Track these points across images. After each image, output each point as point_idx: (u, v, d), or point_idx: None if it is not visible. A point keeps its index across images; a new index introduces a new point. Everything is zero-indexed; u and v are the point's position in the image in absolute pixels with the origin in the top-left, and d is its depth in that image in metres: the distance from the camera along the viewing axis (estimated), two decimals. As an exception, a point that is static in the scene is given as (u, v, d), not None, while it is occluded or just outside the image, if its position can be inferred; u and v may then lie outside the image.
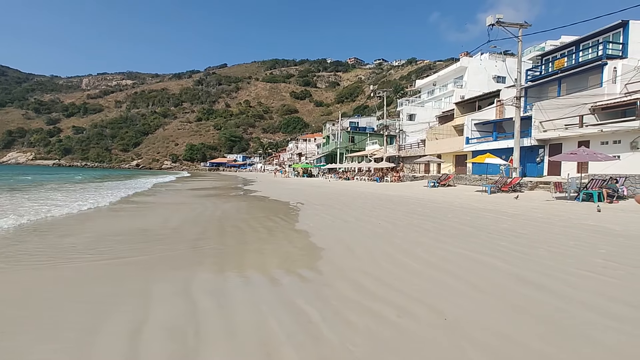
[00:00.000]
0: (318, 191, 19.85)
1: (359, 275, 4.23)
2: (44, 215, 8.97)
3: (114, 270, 4.46)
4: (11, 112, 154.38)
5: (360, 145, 47.59)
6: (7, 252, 5.34)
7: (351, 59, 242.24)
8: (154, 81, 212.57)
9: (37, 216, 8.76)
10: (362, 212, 10.29)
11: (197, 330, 2.80)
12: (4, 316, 3.09)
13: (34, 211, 9.50)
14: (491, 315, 3.05)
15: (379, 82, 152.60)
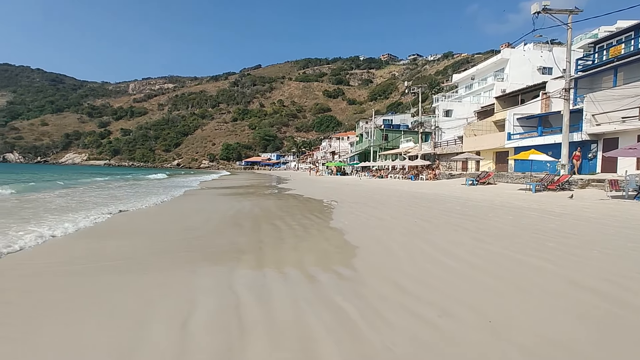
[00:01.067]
0: (352, 189, 19.77)
1: (397, 273, 4.18)
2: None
3: (160, 264, 4.73)
4: (68, 116, 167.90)
5: (394, 143, 46.75)
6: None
7: (384, 55, 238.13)
8: (193, 84, 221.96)
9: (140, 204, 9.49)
10: (397, 210, 10.12)
11: (239, 323, 2.90)
12: (65, 301, 3.39)
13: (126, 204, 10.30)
14: (539, 320, 2.90)
15: (413, 78, 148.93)
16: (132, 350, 2.47)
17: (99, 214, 8.93)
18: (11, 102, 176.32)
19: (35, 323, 2.94)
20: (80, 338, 2.68)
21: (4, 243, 5.48)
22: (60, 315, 3.09)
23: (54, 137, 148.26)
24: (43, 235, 6.25)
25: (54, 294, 3.61)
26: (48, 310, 3.20)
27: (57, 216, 8.44)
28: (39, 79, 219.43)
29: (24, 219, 8.00)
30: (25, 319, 3.01)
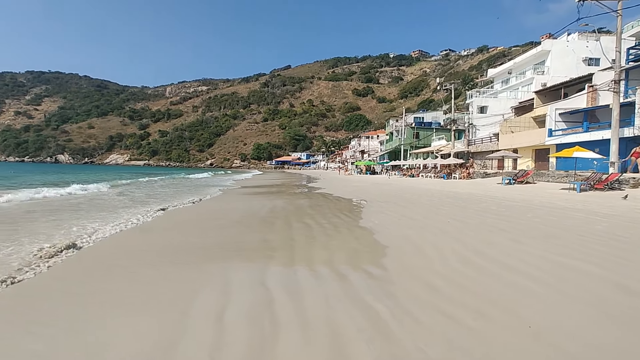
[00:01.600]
0: (382, 188, 19.55)
1: (428, 274, 4.10)
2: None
3: (197, 259, 4.94)
4: (112, 119, 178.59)
5: (426, 141, 45.63)
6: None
7: (415, 51, 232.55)
8: (225, 86, 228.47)
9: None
10: (429, 209, 9.89)
11: (272, 318, 2.98)
12: (113, 292, 3.63)
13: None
14: (584, 326, 2.74)
15: (445, 74, 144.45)
16: (175, 340, 2.62)
17: (151, 211, 9.46)
18: (62, 107, 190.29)
19: (90, 311, 3.18)
20: (129, 326, 2.86)
21: (72, 240, 5.95)
22: (110, 306, 3.32)
23: (99, 139, 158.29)
24: (107, 231, 6.71)
25: (105, 285, 3.88)
26: (100, 300, 3.45)
27: (129, 209, 9.04)
28: (86, 85, 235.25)
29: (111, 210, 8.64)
30: (81, 308, 3.27)
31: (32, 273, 4.27)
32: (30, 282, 4.00)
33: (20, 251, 5.30)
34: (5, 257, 4.96)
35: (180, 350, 2.48)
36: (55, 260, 4.84)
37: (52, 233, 6.69)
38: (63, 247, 5.35)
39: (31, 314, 3.16)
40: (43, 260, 4.79)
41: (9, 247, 5.56)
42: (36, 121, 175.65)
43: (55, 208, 10.58)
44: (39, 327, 2.88)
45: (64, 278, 4.11)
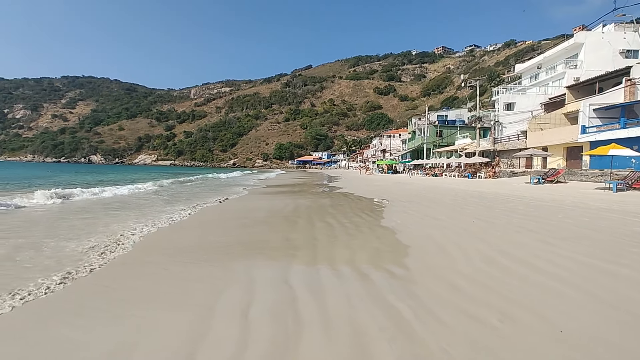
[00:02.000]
0: (404, 188, 19.30)
1: (452, 274, 4.04)
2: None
3: (222, 257, 5.08)
4: (140, 121, 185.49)
5: (449, 140, 44.59)
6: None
7: (438, 48, 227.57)
8: (247, 87, 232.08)
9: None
10: (453, 209, 9.69)
11: (295, 316, 3.04)
12: (144, 288, 3.81)
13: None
14: (620, 333, 2.62)
15: (470, 70, 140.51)
16: (203, 335, 2.72)
17: (185, 209, 9.81)
18: (94, 110, 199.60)
19: (124, 306, 3.36)
20: (161, 320, 3.00)
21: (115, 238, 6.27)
22: (145, 301, 3.49)
23: (129, 140, 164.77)
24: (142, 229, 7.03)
25: (140, 281, 4.08)
26: (136, 295, 3.63)
27: (169, 206, 9.43)
28: (116, 88, 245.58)
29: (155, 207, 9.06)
30: (115, 303, 3.45)
31: (83, 267, 4.54)
32: (78, 275, 4.25)
33: (79, 246, 5.64)
34: (59, 253, 5.29)
35: (208, 345, 2.58)
36: (101, 261, 5.11)
37: (101, 230, 7.07)
38: (112, 242, 5.64)
39: (71, 305, 3.37)
40: (89, 255, 5.08)
41: (64, 244, 5.92)
42: (71, 124, 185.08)
43: (98, 207, 11.15)
44: (77, 318, 3.07)
45: (105, 274, 4.33)
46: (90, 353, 2.50)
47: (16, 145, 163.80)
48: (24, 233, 6.72)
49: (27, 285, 3.84)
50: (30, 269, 4.48)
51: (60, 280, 4.02)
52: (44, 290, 3.71)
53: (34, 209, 10.27)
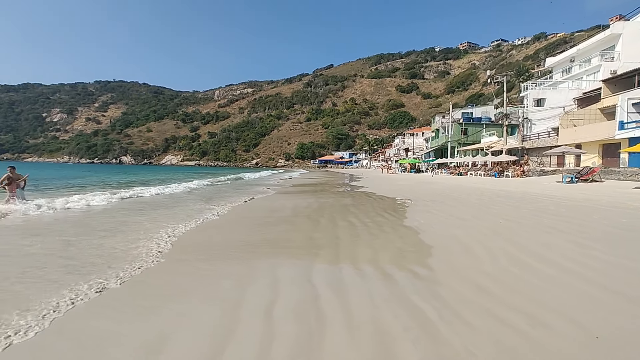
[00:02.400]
0: (427, 187, 18.95)
1: (478, 275, 3.94)
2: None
3: (247, 256, 5.19)
4: (167, 123, 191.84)
5: (475, 138, 43.33)
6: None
7: (463, 44, 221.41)
8: (269, 87, 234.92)
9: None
10: (479, 209, 9.43)
11: (318, 314, 3.07)
12: (173, 288, 3.95)
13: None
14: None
15: (496, 66, 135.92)
16: (231, 330, 2.80)
17: (215, 209, 10.10)
18: (125, 113, 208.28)
19: (160, 300, 3.50)
20: (190, 315, 3.11)
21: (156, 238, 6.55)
22: (175, 295, 3.63)
23: (156, 141, 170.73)
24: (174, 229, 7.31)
25: (172, 277, 4.24)
26: (166, 291, 3.78)
27: (200, 205, 9.78)
28: (144, 91, 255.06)
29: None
30: (153, 297, 3.60)
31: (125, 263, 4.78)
32: (120, 272, 4.47)
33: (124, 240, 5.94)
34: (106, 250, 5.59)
35: (236, 339, 2.65)
36: (139, 258, 5.35)
37: (145, 228, 7.40)
38: (149, 241, 5.90)
39: (115, 299, 3.55)
40: (130, 253, 5.34)
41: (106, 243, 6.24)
42: (103, 126, 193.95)
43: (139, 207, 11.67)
44: (110, 310, 3.23)
45: (143, 271, 4.53)
46: (132, 341, 2.62)
47: (54, 147, 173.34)
48: (68, 232, 7.12)
49: (80, 284, 4.07)
50: (76, 266, 4.74)
51: (109, 277, 4.24)
52: (95, 288, 3.92)
53: (81, 210, 10.84)
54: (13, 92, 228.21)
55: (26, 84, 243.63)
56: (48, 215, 9.25)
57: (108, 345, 2.62)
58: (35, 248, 5.60)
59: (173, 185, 19.73)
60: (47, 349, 2.59)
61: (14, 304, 3.32)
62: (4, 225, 7.80)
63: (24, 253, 5.30)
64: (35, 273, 4.29)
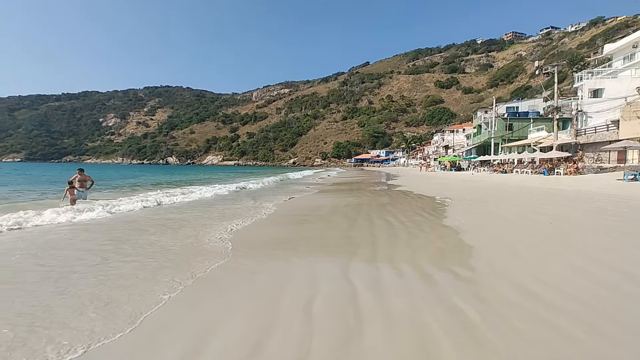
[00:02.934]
0: (469, 185, 18.18)
1: (527, 279, 3.72)
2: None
3: (285, 253, 5.30)
4: (208, 124, 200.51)
5: (521, 133, 40.75)
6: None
7: (508, 34, 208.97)
8: (305, 87, 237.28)
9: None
10: (526, 209, 8.88)
11: (356, 312, 3.06)
12: (220, 281, 4.14)
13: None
14: None
15: (546, 55, 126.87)
16: (270, 326, 2.88)
17: (256, 207, 10.48)
18: (170, 116, 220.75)
19: (207, 293, 3.69)
20: (233, 309, 3.25)
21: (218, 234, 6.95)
22: (219, 291, 3.80)
23: (198, 142, 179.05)
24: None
25: (216, 273, 4.45)
26: (211, 285, 3.97)
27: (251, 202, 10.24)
28: (188, 95, 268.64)
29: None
30: (203, 290, 3.81)
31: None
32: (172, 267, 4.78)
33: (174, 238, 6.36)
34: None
35: (277, 335, 2.72)
36: (191, 256, 5.67)
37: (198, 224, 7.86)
38: (197, 240, 6.26)
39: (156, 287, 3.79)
40: (183, 249, 5.69)
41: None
42: (152, 129, 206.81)
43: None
44: (169, 302, 3.45)
45: (193, 267, 4.80)
46: (183, 329, 2.79)
47: (109, 150, 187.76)
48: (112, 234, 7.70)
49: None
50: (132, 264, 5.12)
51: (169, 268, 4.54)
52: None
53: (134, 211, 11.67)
54: (74, 100, 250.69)
55: (85, 92, 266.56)
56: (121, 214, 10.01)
57: (165, 331, 2.80)
58: (129, 243, 6.11)
59: (228, 185, 19.80)
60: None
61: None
62: (97, 223, 8.51)
63: (128, 246, 5.80)
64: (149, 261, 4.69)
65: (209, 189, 17.17)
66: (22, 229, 7.16)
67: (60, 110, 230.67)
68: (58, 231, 6.99)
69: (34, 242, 5.98)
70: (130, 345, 2.62)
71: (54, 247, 5.69)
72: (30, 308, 3.23)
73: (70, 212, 8.68)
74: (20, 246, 5.69)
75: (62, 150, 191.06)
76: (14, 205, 11.00)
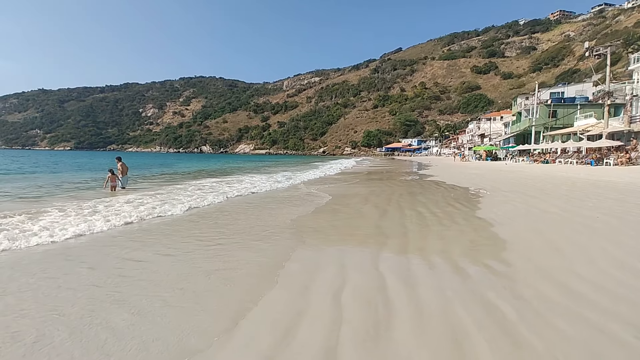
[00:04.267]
0: (506, 176, 17.33)
1: (569, 277, 3.51)
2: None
3: (315, 240, 5.34)
4: (240, 114, 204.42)
5: (566, 121, 38.03)
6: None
7: (554, 13, 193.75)
8: (336, 75, 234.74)
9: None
10: (569, 201, 8.34)
11: (386, 303, 3.04)
12: (262, 273, 4.25)
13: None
14: None
15: (597, 35, 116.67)
16: (301, 313, 2.92)
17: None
18: (204, 106, 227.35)
19: (240, 278, 3.82)
20: (267, 296, 3.33)
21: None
22: (252, 276, 3.92)
23: (231, 131, 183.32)
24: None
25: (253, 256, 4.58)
26: (245, 272, 4.10)
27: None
28: (221, 85, 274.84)
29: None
30: (234, 282, 3.94)
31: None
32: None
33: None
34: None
35: (307, 320, 2.76)
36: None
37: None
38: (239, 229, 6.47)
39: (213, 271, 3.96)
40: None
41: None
42: (187, 119, 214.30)
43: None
44: (208, 286, 3.59)
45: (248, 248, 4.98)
46: (219, 312, 2.91)
47: (148, 139, 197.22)
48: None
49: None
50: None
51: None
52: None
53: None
54: (117, 91, 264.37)
55: (126, 84, 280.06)
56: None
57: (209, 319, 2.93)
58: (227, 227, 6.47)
59: (275, 177, 19.76)
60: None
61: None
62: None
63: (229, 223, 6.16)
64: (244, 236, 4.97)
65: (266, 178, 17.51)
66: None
67: (104, 102, 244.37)
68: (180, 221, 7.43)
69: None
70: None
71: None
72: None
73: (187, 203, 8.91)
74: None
75: (106, 140, 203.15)
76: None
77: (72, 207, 8.03)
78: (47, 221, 6.47)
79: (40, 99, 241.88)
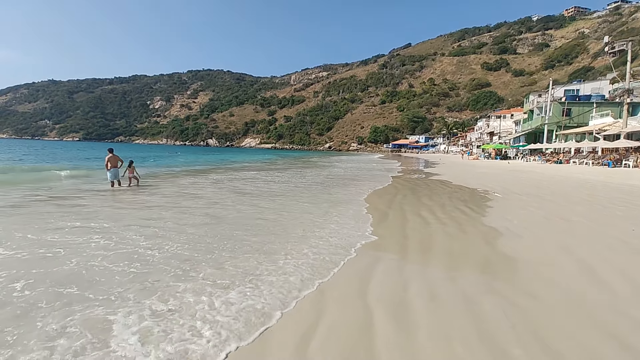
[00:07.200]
0: (517, 177, 16.34)
1: (616, 319, 2.66)
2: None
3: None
4: (247, 107, 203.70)
5: (580, 120, 36.55)
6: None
7: (569, 9, 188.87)
8: (344, 70, 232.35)
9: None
10: (593, 208, 7.43)
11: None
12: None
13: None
14: None
15: (613, 32, 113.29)
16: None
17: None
18: (211, 99, 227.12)
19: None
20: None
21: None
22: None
23: (237, 125, 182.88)
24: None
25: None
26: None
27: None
28: (228, 78, 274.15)
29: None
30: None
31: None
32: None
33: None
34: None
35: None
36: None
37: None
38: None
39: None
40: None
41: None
42: (194, 112, 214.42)
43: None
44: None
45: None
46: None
47: (155, 131, 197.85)
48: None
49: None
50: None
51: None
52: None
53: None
54: (125, 84, 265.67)
55: (135, 76, 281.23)
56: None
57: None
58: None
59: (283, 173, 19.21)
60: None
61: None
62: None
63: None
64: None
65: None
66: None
67: (112, 93, 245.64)
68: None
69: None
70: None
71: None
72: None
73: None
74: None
75: (114, 131, 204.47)
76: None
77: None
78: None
79: (50, 89, 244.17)
